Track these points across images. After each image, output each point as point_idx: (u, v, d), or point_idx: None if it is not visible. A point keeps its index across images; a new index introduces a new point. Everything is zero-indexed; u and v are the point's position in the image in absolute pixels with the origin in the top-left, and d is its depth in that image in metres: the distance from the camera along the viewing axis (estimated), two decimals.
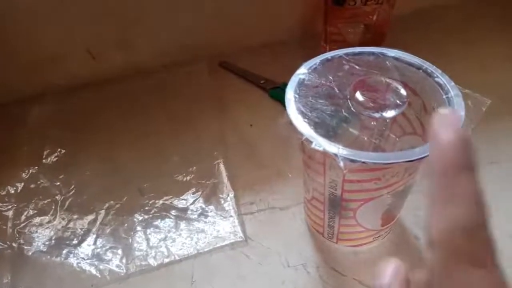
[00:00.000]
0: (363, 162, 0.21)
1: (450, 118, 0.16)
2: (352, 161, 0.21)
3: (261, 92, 0.49)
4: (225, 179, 0.38)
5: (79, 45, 0.49)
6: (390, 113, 0.24)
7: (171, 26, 0.50)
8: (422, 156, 0.21)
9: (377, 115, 0.23)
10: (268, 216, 0.36)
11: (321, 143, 0.22)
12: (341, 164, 0.21)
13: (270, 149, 0.41)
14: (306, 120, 0.24)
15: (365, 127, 0.29)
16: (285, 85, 0.47)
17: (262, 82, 0.50)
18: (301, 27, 0.56)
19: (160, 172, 0.40)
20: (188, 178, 0.39)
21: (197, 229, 0.35)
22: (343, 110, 0.25)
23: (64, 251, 0.34)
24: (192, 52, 0.53)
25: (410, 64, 0.26)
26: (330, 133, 0.27)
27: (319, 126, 0.25)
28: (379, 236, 0.31)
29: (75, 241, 0.34)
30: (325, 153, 0.22)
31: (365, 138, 0.26)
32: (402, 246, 0.32)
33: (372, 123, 0.25)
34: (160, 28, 0.50)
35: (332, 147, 0.22)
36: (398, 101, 0.24)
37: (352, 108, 0.24)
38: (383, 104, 0.24)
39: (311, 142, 0.22)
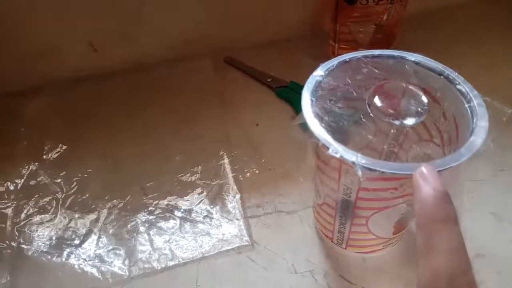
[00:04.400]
0: (382, 172, 0.20)
1: (429, 174, 0.18)
2: (371, 170, 0.20)
3: (267, 90, 0.48)
4: (231, 180, 0.37)
5: (81, 37, 0.48)
6: (409, 121, 0.23)
7: (175, 20, 0.49)
8: (444, 168, 0.20)
9: (397, 122, 0.23)
10: (275, 220, 0.35)
11: (338, 149, 0.21)
12: (359, 173, 0.21)
13: (277, 150, 0.40)
14: (323, 124, 0.23)
15: (380, 131, 0.28)
16: (293, 84, 0.47)
17: (268, 80, 0.48)
18: (309, 25, 0.54)
19: (163, 170, 0.39)
20: (193, 178, 0.38)
21: (202, 231, 0.34)
22: (361, 116, 0.24)
23: (65, 252, 0.33)
24: (196, 47, 0.52)
25: (431, 70, 0.25)
26: (346, 139, 0.26)
27: (336, 131, 0.24)
28: (389, 244, 0.30)
29: (76, 241, 0.33)
30: (341, 160, 0.21)
31: (384, 147, 0.25)
32: (412, 254, 0.32)
33: (392, 131, 0.24)
34: (164, 22, 0.49)
35: (350, 155, 0.21)
36: (419, 109, 0.23)
37: (370, 114, 0.24)
38: (403, 111, 0.23)
39: (327, 148, 0.22)
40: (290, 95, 0.46)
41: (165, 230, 0.34)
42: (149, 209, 0.36)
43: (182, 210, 0.35)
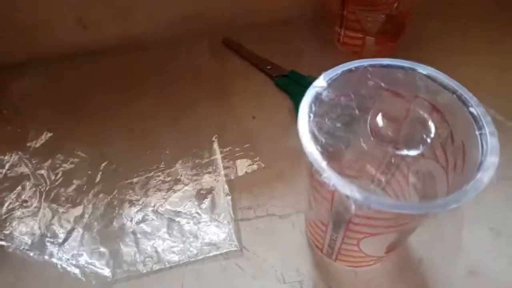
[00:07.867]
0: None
1: None
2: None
3: (266, 78, 0.45)
4: (222, 179, 0.36)
5: (70, 12, 0.44)
6: (413, 152, 0.21)
7: None
8: (446, 209, 0.19)
9: (403, 153, 0.21)
10: (266, 224, 0.34)
11: (332, 178, 0.20)
12: (353, 207, 0.19)
13: (272, 147, 0.38)
14: (318, 147, 0.21)
15: (380, 148, 0.26)
16: (293, 74, 0.44)
17: (268, 67, 0.46)
18: (314, 7, 0.51)
19: (153, 165, 0.37)
20: (183, 174, 0.36)
21: (189, 233, 0.33)
22: (361, 139, 0.22)
23: (47, 250, 0.32)
24: (194, 24, 0.49)
25: (444, 86, 0.23)
26: (342, 156, 0.25)
27: (331, 155, 0.22)
28: (381, 260, 0.29)
29: (59, 239, 0.32)
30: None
31: (382, 164, 0.23)
32: (405, 268, 0.31)
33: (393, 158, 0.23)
34: None
35: (345, 188, 0.19)
36: (424, 136, 0.21)
37: (371, 138, 0.22)
38: (407, 138, 0.21)
39: (321, 174, 0.20)
40: (289, 86, 0.43)
41: (152, 231, 0.33)
42: (136, 207, 0.34)
43: (170, 209, 0.34)
